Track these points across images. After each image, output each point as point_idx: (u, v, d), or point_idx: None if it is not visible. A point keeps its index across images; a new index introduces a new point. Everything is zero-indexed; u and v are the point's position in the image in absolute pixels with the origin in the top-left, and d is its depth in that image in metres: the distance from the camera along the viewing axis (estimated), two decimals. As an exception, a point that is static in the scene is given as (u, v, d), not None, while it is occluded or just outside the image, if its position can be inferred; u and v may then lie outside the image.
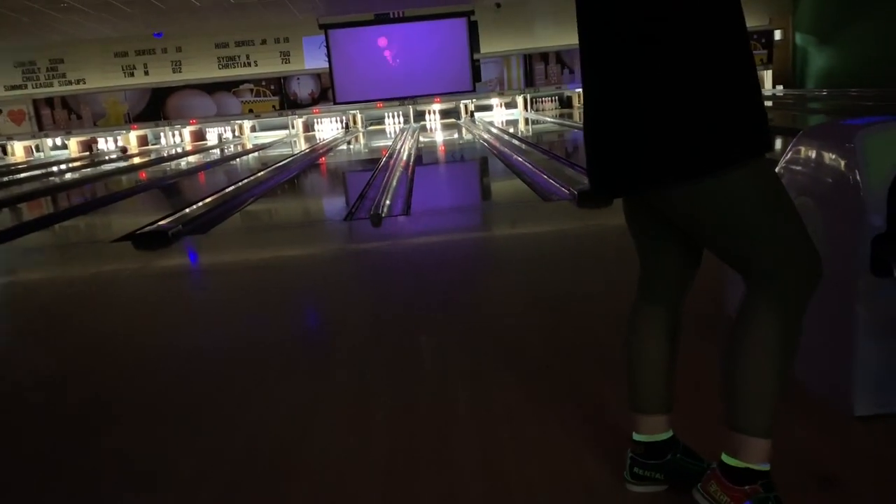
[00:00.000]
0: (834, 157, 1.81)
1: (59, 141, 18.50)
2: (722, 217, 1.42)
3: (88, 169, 13.30)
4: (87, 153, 17.85)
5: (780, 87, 17.99)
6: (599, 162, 1.53)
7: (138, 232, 5.53)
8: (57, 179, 11.82)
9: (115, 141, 18.47)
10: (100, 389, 2.72)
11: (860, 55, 15.25)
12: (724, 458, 1.52)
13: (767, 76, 18.24)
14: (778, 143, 8.59)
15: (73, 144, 18.33)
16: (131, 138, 18.23)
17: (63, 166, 14.42)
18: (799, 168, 2.04)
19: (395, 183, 7.42)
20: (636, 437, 1.70)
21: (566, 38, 17.15)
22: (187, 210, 6.55)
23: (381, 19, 17.10)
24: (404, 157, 10.01)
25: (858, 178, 1.73)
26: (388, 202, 6.20)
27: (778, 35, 17.95)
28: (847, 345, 1.85)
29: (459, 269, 4.14)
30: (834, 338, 1.90)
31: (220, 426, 2.31)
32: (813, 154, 1.98)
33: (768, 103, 15.00)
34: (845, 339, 1.85)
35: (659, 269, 1.66)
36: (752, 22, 17.74)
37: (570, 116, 16.20)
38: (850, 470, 1.73)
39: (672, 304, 1.67)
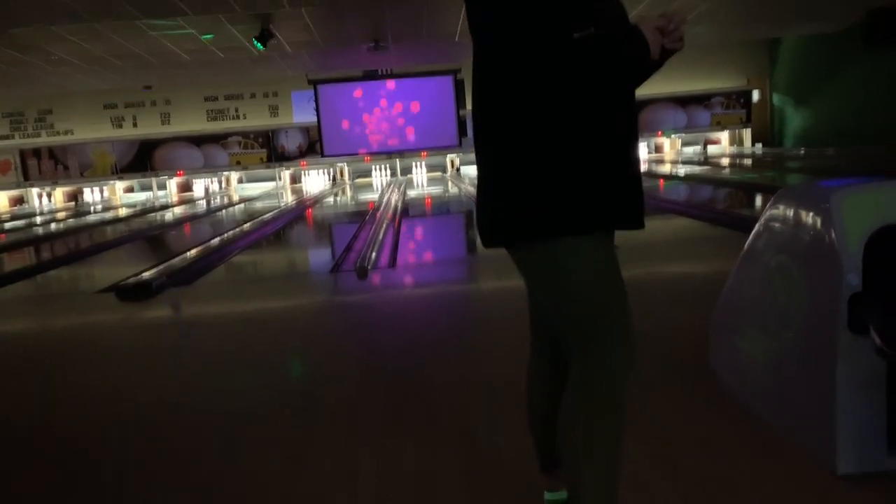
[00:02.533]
0: (811, 217, 1.86)
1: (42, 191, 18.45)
2: (547, 284, 1.53)
3: (73, 219, 13.27)
4: (73, 203, 17.82)
5: (758, 146, 18.38)
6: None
7: (122, 283, 5.51)
8: (41, 230, 11.77)
9: (101, 192, 18.47)
10: (80, 442, 2.67)
11: (836, 116, 15.67)
12: None
13: (746, 135, 18.65)
14: (758, 201, 8.74)
15: (59, 195, 18.31)
16: (117, 189, 18.24)
17: (47, 216, 14.38)
18: (778, 226, 2.09)
19: (381, 235, 7.45)
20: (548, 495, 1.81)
21: (550, 95, 17.47)
22: (172, 261, 6.54)
23: (370, 76, 17.40)
24: (391, 210, 10.08)
25: (835, 238, 1.78)
26: (374, 254, 6.22)
27: (756, 95, 18.43)
28: (828, 402, 1.87)
29: (445, 322, 4.14)
30: (815, 394, 1.92)
31: (203, 480, 2.27)
32: (791, 213, 2.03)
33: (746, 161, 15.30)
34: (827, 396, 1.87)
35: (536, 322, 1.76)
36: (731, 83, 18.24)
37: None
38: (835, 529, 1.73)
39: (550, 356, 1.72)
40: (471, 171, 17.97)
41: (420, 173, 18.40)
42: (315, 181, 18.53)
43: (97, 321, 4.83)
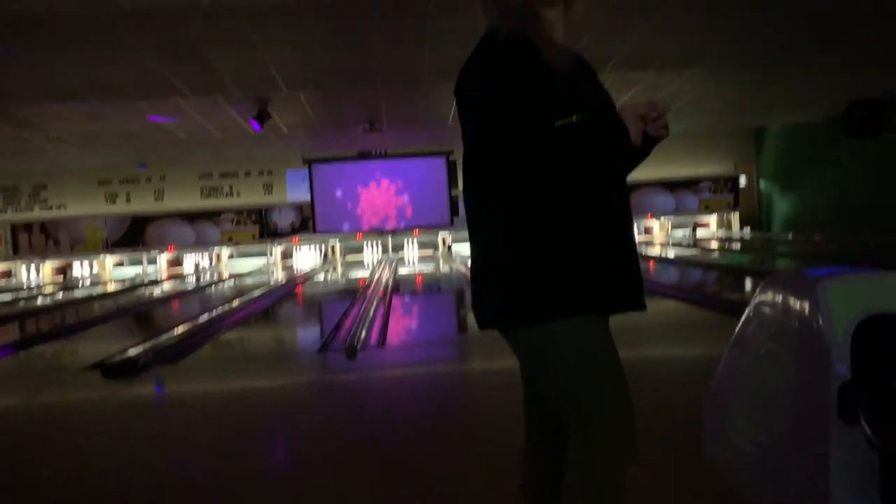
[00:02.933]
0: (798, 305, 1.87)
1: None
2: (544, 368, 1.52)
3: (60, 294, 13.18)
4: (61, 278, 17.75)
5: (747, 230, 18.64)
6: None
7: (107, 360, 5.44)
8: (27, 304, 11.68)
9: (91, 267, 18.42)
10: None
11: (821, 202, 15.98)
12: None
13: (735, 219, 18.93)
14: (747, 285, 8.80)
15: (48, 269, 18.25)
16: (107, 263, 18.21)
17: (34, 291, 14.29)
18: (767, 313, 2.10)
19: (371, 314, 7.43)
20: None
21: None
22: (159, 338, 6.48)
23: (364, 156, 17.71)
24: (381, 288, 10.08)
25: (822, 327, 1.79)
26: (364, 333, 6.19)
27: (743, 180, 18.81)
28: (822, 492, 1.84)
29: (434, 403, 4.09)
30: (809, 484, 1.88)
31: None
32: (779, 300, 2.04)
33: (735, 245, 15.49)
34: (820, 486, 1.84)
35: (530, 407, 1.74)
36: (718, 168, 18.64)
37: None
38: None
39: (546, 442, 1.70)
40: (462, 249, 18.09)
41: (412, 251, 18.50)
42: (306, 258, 18.58)
43: (80, 399, 4.74)
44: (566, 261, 1.47)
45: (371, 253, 18.58)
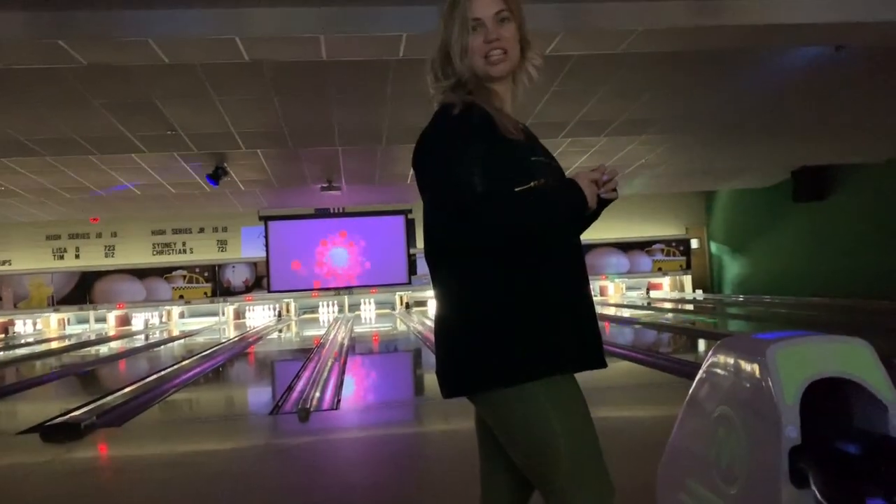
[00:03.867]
0: (749, 370, 1.91)
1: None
2: (512, 432, 1.51)
3: (0, 353, 12.70)
4: (2, 336, 17.12)
5: (699, 292, 19.01)
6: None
7: (47, 423, 5.21)
8: (-34, 362, 11.20)
9: (34, 324, 17.83)
10: None
11: (769, 265, 16.44)
12: None
13: (687, 281, 19.31)
14: (701, 345, 8.93)
15: (-11, 326, 17.61)
16: (51, 321, 17.65)
17: (-26, 348, 13.73)
18: (719, 377, 2.13)
19: (325, 374, 7.31)
20: None
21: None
22: (104, 399, 6.26)
23: (322, 214, 17.69)
24: (336, 348, 9.95)
25: (772, 391, 1.82)
26: (317, 395, 6.07)
27: (695, 243, 19.29)
28: (777, 558, 1.84)
29: (389, 467, 4.01)
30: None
31: None
32: (731, 363, 2.07)
33: (688, 307, 15.77)
34: (775, 553, 1.84)
35: (491, 486, 1.72)
36: (671, 231, 19.10)
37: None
38: None
39: None
40: (422, 308, 18.03)
41: (369, 309, 18.37)
42: (260, 316, 18.29)
43: (17, 463, 4.52)
44: (531, 322, 1.48)
45: (327, 311, 18.39)
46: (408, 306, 18.26)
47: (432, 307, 18.27)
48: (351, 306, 18.33)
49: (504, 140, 1.53)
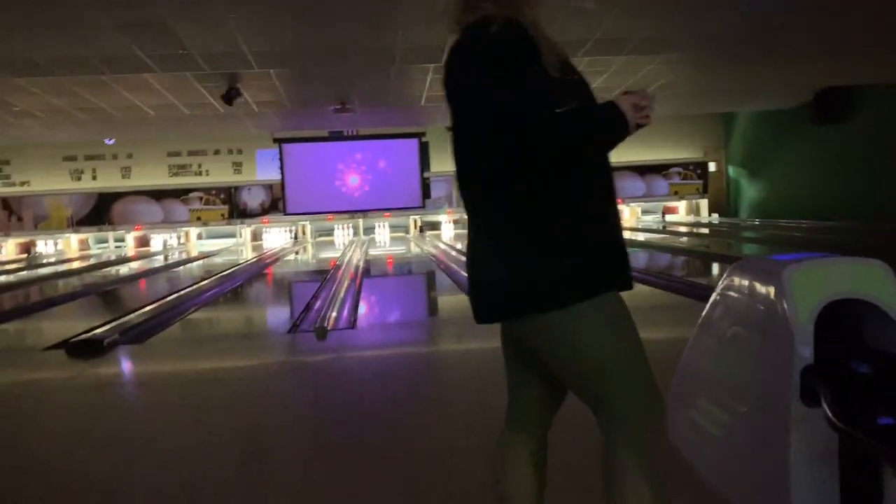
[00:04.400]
0: (763, 291, 1.90)
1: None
2: (563, 354, 1.52)
3: (24, 272, 12.94)
4: (25, 256, 17.40)
5: (715, 216, 18.88)
6: (469, 292, 1.63)
7: (72, 340, 5.35)
8: (-10, 282, 11.44)
9: (55, 244, 18.09)
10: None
11: (787, 189, 16.23)
12: None
13: (703, 205, 19.16)
14: (715, 269, 8.93)
15: (11, 247, 17.88)
16: (72, 242, 17.89)
17: (-2, 268, 14.01)
18: (733, 298, 2.13)
19: (342, 295, 7.40)
20: None
21: (513, 160, 17.85)
22: (125, 318, 6.39)
23: (336, 136, 17.56)
24: (352, 270, 10.05)
25: (786, 312, 1.82)
26: (333, 314, 6.17)
27: (712, 167, 19.02)
28: (781, 473, 1.88)
29: (404, 385, 4.10)
30: (769, 467, 1.92)
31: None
32: (745, 285, 2.07)
33: (704, 230, 15.69)
34: (780, 469, 1.88)
35: (523, 399, 1.74)
36: (688, 153, 18.82)
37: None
38: None
39: (537, 435, 1.71)
40: (436, 232, 18.08)
41: (383, 233, 18.45)
42: (276, 238, 18.43)
43: (44, 378, 4.66)
44: (578, 242, 1.49)
45: (342, 234, 18.49)
46: (421, 230, 18.31)
47: (446, 231, 18.33)
48: (365, 230, 18.40)
49: (544, 58, 1.50)
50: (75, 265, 13.99)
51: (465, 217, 1.66)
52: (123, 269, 13.00)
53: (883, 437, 1.50)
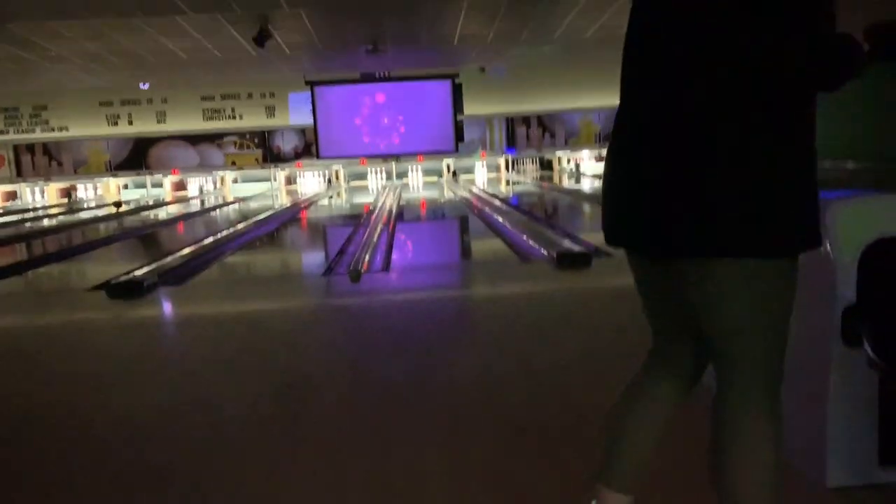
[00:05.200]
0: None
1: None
2: (736, 303, 1.37)
3: (65, 216, 13.21)
4: (66, 200, 17.74)
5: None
6: (646, 218, 1.41)
7: (113, 281, 5.47)
8: (33, 225, 11.71)
9: (95, 189, 18.39)
10: (65, 443, 2.65)
11: (831, 129, 15.71)
12: None
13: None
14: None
15: (52, 191, 18.23)
16: (111, 186, 18.17)
17: (40, 212, 14.31)
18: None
19: (375, 239, 7.43)
20: None
21: (548, 102, 17.55)
22: (164, 260, 6.51)
23: (367, 78, 17.38)
24: (385, 214, 10.06)
25: (829, 250, 1.77)
26: (367, 258, 6.20)
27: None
28: (820, 414, 1.86)
29: (437, 328, 4.13)
30: (807, 407, 1.90)
31: (189, 486, 2.25)
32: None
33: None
34: (818, 409, 1.86)
35: (675, 336, 1.58)
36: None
37: (550, 179, 16.43)
38: (825, 543, 1.72)
39: (686, 378, 1.59)
40: (469, 176, 17.96)
41: (416, 177, 18.39)
42: (310, 183, 18.50)
43: (86, 319, 4.79)
44: (805, 192, 1.35)
45: (375, 179, 18.48)
46: (454, 174, 18.20)
47: (479, 176, 18.21)
48: (398, 174, 18.35)
49: None
50: (115, 209, 14.24)
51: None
52: (161, 214, 13.19)
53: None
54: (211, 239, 8.17)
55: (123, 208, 14.01)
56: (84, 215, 13.15)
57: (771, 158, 1.31)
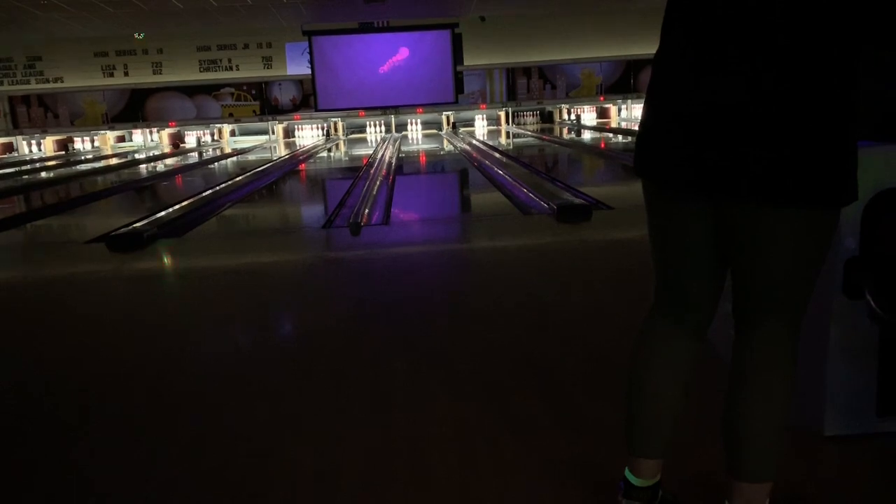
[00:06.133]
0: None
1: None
2: (804, 250, 1.38)
3: (63, 168, 13.13)
4: (63, 152, 17.62)
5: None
6: (746, 155, 1.33)
7: (113, 233, 5.46)
8: (31, 178, 11.65)
9: (92, 141, 18.23)
10: (69, 396, 2.67)
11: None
12: None
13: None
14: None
15: (49, 143, 18.09)
16: (109, 138, 18.02)
17: (37, 164, 14.22)
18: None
19: (374, 192, 7.40)
20: (637, 481, 1.59)
21: (549, 53, 17.30)
22: (163, 213, 6.49)
23: (366, 28, 17.11)
24: (385, 167, 10.00)
25: (834, 201, 1.76)
26: (367, 211, 6.19)
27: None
28: (819, 365, 1.87)
29: (438, 281, 4.14)
30: (806, 358, 1.91)
31: (191, 437, 2.28)
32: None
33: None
34: (817, 360, 1.87)
35: (697, 292, 1.54)
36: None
37: (551, 131, 16.30)
38: (820, 490, 1.75)
39: (701, 329, 1.57)
40: (469, 128, 17.81)
41: (415, 130, 18.24)
42: (309, 135, 18.35)
43: (87, 271, 4.80)
44: (855, 147, 1.37)
45: (374, 131, 18.33)
46: (454, 126, 18.04)
47: (479, 128, 18.06)
48: (398, 126, 18.19)
49: None
50: (112, 161, 14.14)
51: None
52: (160, 166, 13.11)
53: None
54: (210, 191, 8.13)
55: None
56: (82, 167, 13.07)
57: (849, 112, 1.31)
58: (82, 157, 15.74)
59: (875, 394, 1.89)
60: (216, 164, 13.07)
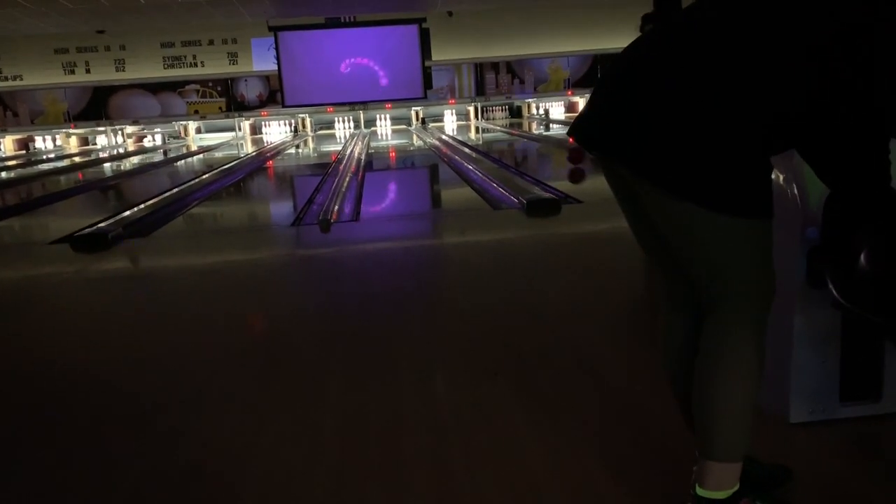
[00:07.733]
0: (776, 170, 1.87)
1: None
2: (710, 249, 1.40)
3: (24, 168, 12.86)
4: (23, 152, 17.25)
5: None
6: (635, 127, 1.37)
7: (76, 234, 5.37)
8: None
9: (53, 140, 17.87)
10: (33, 399, 2.62)
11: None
12: (705, 493, 1.45)
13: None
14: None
15: (9, 143, 17.69)
16: (71, 139, 17.68)
17: (-3, 165, 13.91)
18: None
19: (344, 188, 7.37)
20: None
21: (517, 48, 17.35)
22: (128, 212, 6.39)
23: (332, 23, 16.99)
24: (354, 163, 9.96)
25: (797, 192, 1.79)
26: (337, 207, 6.15)
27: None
28: (784, 353, 1.91)
29: (409, 277, 4.13)
30: (771, 346, 1.95)
31: (161, 439, 2.25)
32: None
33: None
34: (783, 347, 1.90)
35: (657, 256, 1.58)
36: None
37: (520, 126, 16.35)
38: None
39: (695, 314, 1.56)
40: (438, 124, 17.80)
41: (384, 125, 18.17)
42: (276, 131, 18.19)
43: (51, 272, 4.71)
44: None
45: (343, 127, 18.22)
46: (423, 122, 18.02)
47: (448, 122, 18.05)
48: (367, 122, 18.11)
49: None
50: (76, 160, 13.88)
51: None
52: (124, 165, 12.90)
53: (885, 314, 1.50)
54: (176, 189, 8.02)
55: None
56: (43, 167, 12.81)
57: (745, 126, 1.34)
58: (44, 157, 15.43)
59: (838, 381, 1.93)
60: (182, 162, 12.90)
